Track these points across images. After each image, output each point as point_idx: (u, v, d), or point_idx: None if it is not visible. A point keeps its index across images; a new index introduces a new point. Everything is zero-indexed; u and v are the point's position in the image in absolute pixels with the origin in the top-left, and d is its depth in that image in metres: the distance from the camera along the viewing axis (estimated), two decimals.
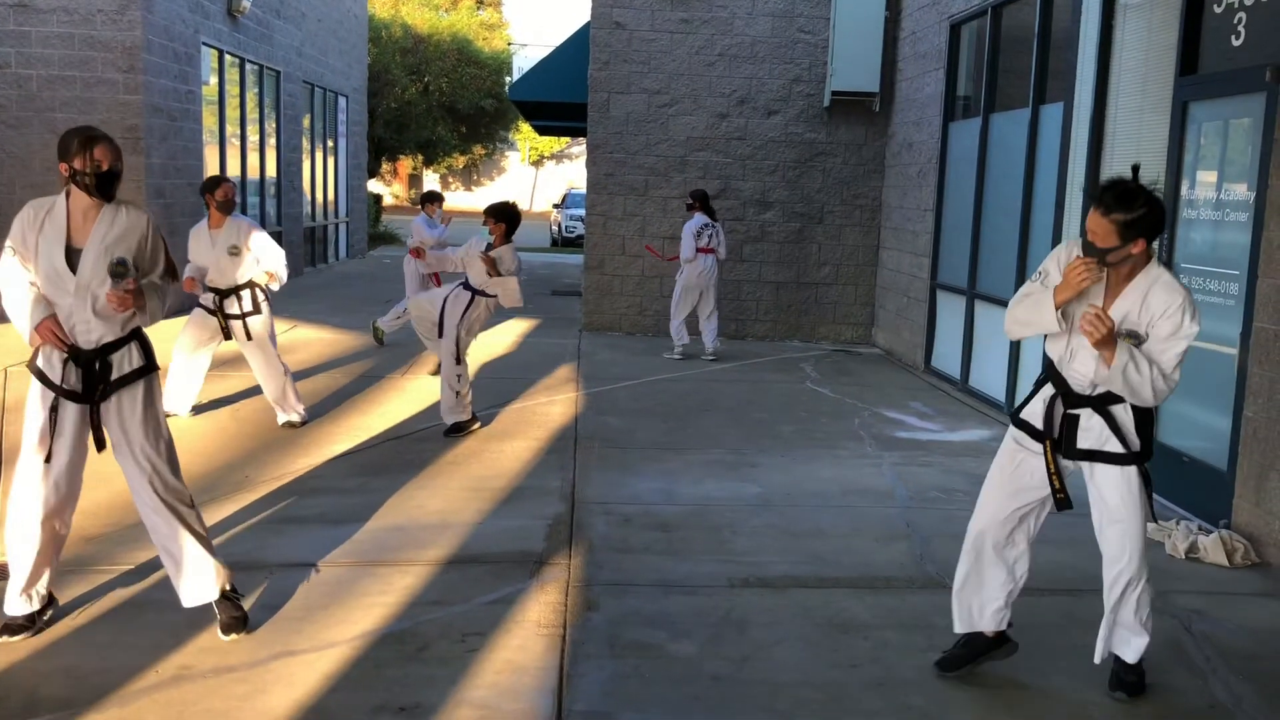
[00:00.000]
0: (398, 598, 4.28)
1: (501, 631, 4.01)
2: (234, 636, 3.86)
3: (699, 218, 10.08)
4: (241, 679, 3.58)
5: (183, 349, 6.95)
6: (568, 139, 42.73)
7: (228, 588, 3.94)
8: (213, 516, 5.16)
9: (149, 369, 3.84)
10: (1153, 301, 3.41)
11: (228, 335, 6.86)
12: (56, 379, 3.71)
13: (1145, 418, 3.55)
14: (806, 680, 3.72)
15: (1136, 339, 3.40)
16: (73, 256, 3.68)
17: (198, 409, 7.32)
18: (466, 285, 6.98)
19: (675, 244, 10.69)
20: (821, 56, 11.54)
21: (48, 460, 3.72)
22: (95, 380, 3.72)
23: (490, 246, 6.98)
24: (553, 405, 8.00)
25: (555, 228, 30.09)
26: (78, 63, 11.21)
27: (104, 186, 3.66)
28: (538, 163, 48.04)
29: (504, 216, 6.99)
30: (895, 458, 6.82)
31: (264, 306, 6.92)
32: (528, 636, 3.98)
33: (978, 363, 9.02)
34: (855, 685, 3.70)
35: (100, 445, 3.78)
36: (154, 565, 4.52)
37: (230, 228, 6.80)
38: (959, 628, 3.82)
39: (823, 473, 6.41)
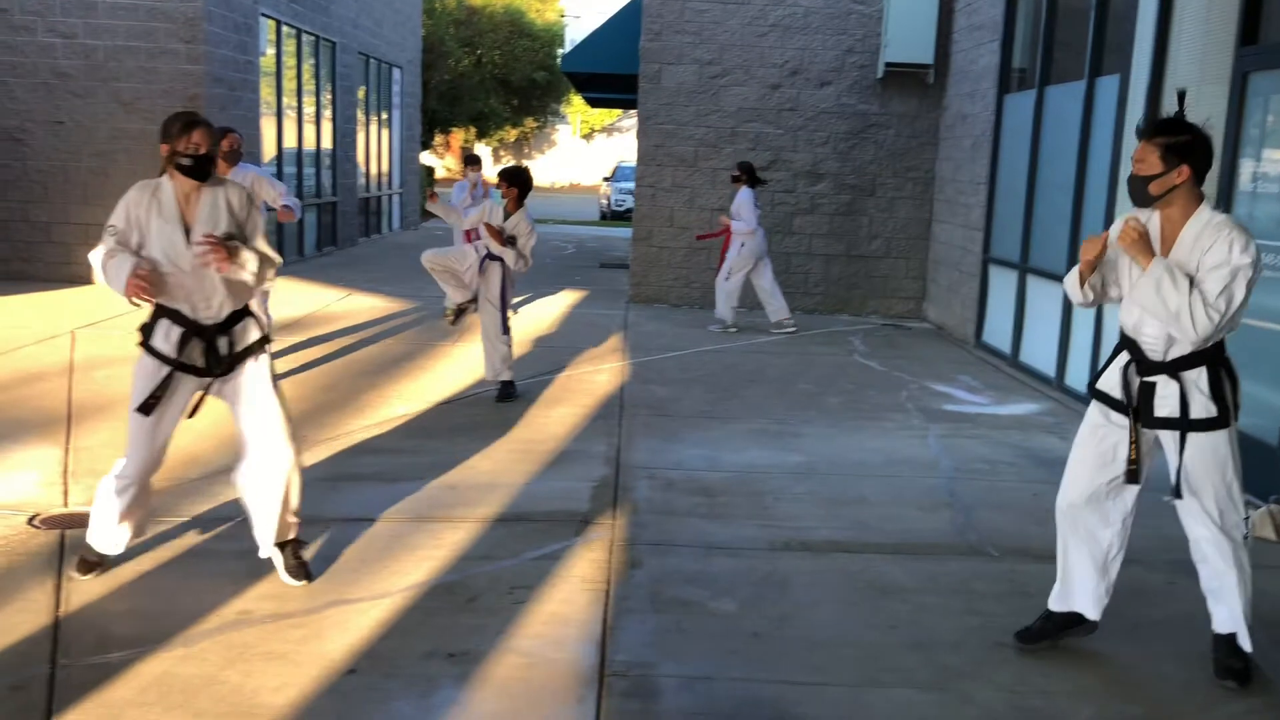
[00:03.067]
0: (448, 552, 4.42)
1: (547, 585, 4.13)
2: (302, 582, 4.03)
3: (748, 189, 10.08)
4: (299, 624, 3.73)
5: None
6: (619, 111, 42.66)
7: (293, 535, 4.11)
8: None
9: (267, 339, 4.06)
10: (1203, 240, 3.34)
11: None
12: (173, 352, 3.84)
13: (1224, 382, 3.43)
14: (845, 639, 3.79)
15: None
16: (186, 235, 3.82)
17: None
18: (490, 255, 7.07)
19: (714, 218, 10.69)
20: (875, 27, 11.45)
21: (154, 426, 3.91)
22: (218, 353, 3.88)
23: (506, 211, 7.09)
24: (599, 374, 8.10)
25: (604, 201, 30.14)
26: (141, 33, 11.45)
27: (199, 169, 3.81)
28: (588, 136, 48.06)
29: (517, 180, 7.09)
30: (941, 429, 6.83)
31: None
32: (573, 590, 4.09)
33: (1029, 338, 8.96)
34: (893, 645, 3.76)
35: (193, 413, 3.98)
36: (214, 517, 4.72)
37: (236, 175, 6.97)
38: (1055, 606, 3.78)
39: (867, 443, 6.44)
